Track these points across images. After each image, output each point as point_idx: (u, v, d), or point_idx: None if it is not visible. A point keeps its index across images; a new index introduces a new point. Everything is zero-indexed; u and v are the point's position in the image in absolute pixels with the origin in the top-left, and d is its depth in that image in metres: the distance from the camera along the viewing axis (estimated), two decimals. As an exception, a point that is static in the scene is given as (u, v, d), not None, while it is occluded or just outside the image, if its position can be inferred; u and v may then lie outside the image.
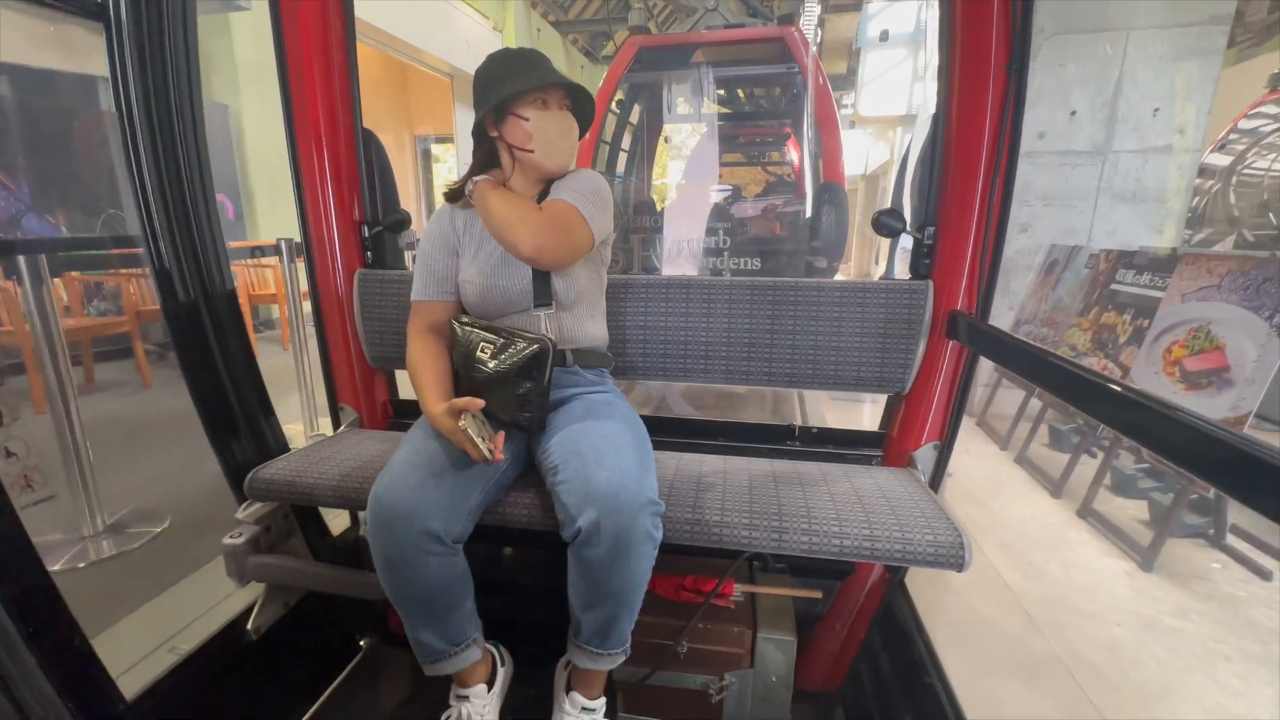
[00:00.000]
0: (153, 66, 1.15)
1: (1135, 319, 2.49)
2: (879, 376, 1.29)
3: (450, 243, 1.15)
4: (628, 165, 4.92)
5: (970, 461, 3.10)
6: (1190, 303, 2.20)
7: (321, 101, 1.37)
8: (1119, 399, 0.70)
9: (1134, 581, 2.06)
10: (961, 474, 2.90)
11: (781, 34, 3.84)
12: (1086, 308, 2.87)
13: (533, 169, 1.10)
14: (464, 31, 7.96)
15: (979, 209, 1.17)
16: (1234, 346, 1.98)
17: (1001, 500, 2.65)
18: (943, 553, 0.96)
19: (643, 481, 0.93)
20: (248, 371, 1.33)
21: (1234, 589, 2.02)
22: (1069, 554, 2.23)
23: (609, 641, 0.99)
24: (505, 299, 1.11)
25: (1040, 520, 2.49)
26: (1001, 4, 1.08)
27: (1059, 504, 2.63)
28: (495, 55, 1.10)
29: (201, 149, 1.23)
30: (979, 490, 2.74)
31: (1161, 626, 1.83)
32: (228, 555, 1.19)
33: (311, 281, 1.46)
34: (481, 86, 1.08)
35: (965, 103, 1.16)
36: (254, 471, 1.21)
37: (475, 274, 1.12)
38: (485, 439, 0.94)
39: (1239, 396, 1.90)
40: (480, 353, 1.04)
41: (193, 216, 1.23)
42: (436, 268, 1.15)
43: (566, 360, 1.14)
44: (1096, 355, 2.66)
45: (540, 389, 1.02)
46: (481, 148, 1.14)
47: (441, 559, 0.94)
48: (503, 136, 1.08)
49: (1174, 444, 0.61)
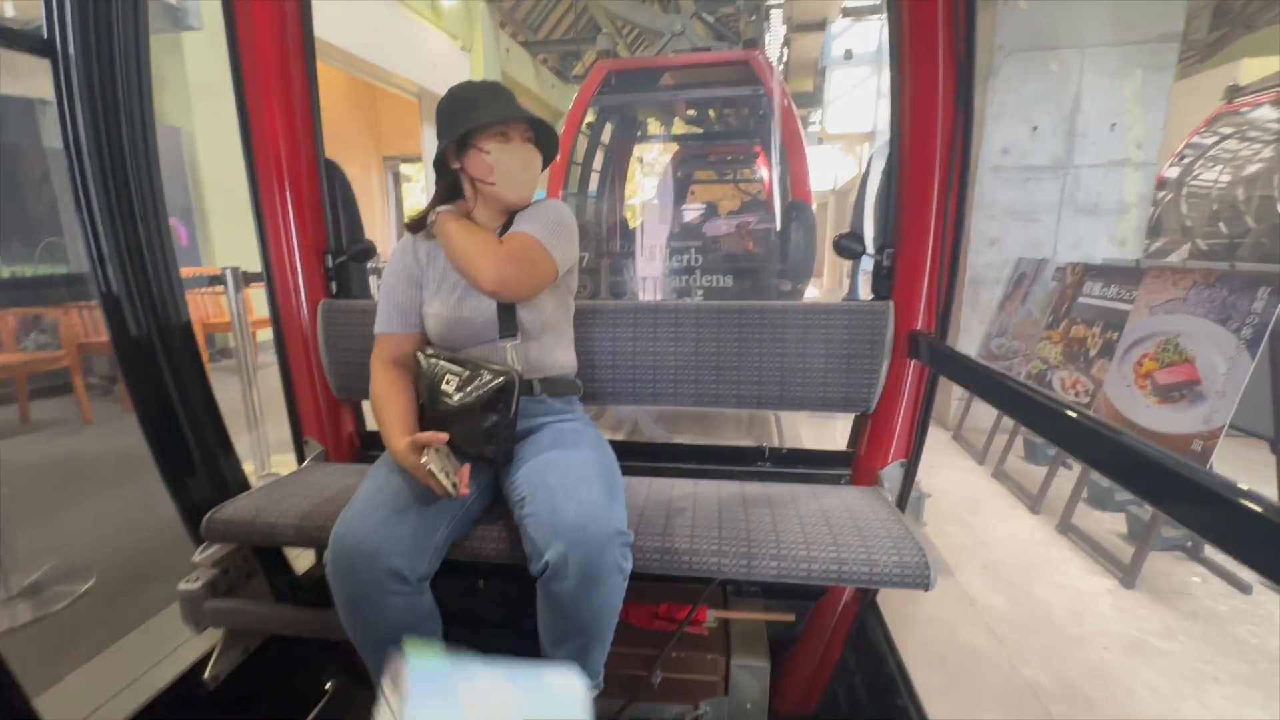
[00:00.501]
0: (103, 95, 1.10)
1: (1105, 331, 2.49)
2: (845, 397, 1.31)
3: (413, 274, 1.14)
4: (600, 185, 4.96)
5: (949, 478, 3.07)
6: (1158, 315, 2.21)
7: (282, 130, 1.35)
8: (1063, 419, 0.70)
9: (1118, 600, 2.03)
10: (940, 491, 2.86)
11: (746, 57, 3.95)
12: (1056, 320, 2.87)
13: (495, 201, 1.11)
14: (431, 52, 7.90)
15: (934, 231, 1.20)
16: (1203, 359, 1.97)
17: (982, 518, 2.62)
18: (909, 573, 0.98)
19: (610, 512, 0.91)
20: (204, 406, 1.28)
21: (1215, 604, 1.99)
22: (1052, 574, 2.19)
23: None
24: (470, 330, 1.10)
25: (1021, 538, 2.46)
26: (946, 39, 1.12)
27: (1039, 520, 2.60)
28: (458, 88, 1.10)
29: (154, 175, 1.19)
30: (959, 508, 2.70)
31: (1150, 649, 1.78)
32: (183, 601, 1.15)
33: (273, 312, 1.43)
34: (444, 118, 1.08)
35: (916, 131, 1.19)
36: (211, 512, 1.17)
37: (439, 306, 1.11)
38: (449, 473, 0.92)
39: (1211, 410, 1.89)
40: (445, 385, 1.03)
41: (144, 244, 1.18)
42: (399, 299, 1.14)
43: (534, 390, 1.13)
44: (1068, 368, 2.66)
45: (507, 421, 1.01)
46: (444, 179, 1.14)
47: (406, 598, 0.92)
48: (464, 169, 1.09)
49: (1116, 463, 0.62)
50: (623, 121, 5.10)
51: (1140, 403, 2.19)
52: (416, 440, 0.93)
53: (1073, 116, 3.27)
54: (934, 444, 3.56)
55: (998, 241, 3.48)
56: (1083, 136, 3.28)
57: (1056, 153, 3.32)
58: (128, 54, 1.12)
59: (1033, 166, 3.36)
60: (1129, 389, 2.26)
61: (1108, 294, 2.55)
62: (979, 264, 3.53)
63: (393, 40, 7.09)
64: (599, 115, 4.65)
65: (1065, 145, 3.31)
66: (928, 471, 3.12)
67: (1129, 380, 2.27)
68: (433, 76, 7.88)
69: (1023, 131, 3.32)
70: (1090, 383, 2.49)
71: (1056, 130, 3.30)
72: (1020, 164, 3.37)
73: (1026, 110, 3.30)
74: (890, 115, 1.26)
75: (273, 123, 1.34)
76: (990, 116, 3.32)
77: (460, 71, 8.62)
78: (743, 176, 6.68)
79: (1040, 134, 3.31)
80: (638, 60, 4.73)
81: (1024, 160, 3.36)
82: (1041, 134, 3.31)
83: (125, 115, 1.14)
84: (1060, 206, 3.38)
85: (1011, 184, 3.40)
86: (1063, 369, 2.71)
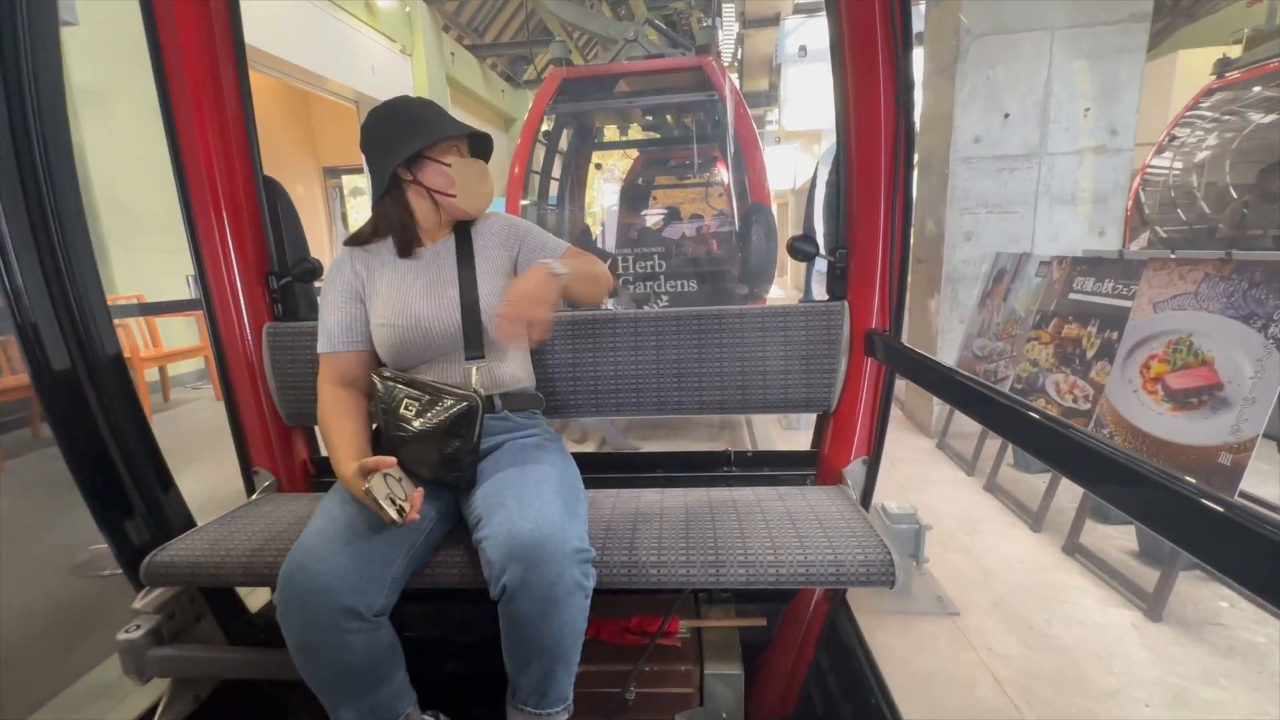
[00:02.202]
0: (11, 110, 1.03)
1: (1102, 331, 2.28)
2: (805, 397, 1.32)
3: (353, 288, 1.11)
4: (559, 193, 4.96)
5: (938, 493, 2.83)
6: (1165, 312, 2.00)
7: (215, 145, 1.30)
8: (1021, 417, 0.70)
9: (1146, 637, 1.79)
10: (934, 511, 2.62)
11: (700, 63, 3.96)
12: (1044, 319, 2.67)
13: (451, 212, 1.12)
14: (369, 56, 7.45)
15: (883, 231, 1.22)
16: (1224, 361, 1.76)
17: (982, 541, 2.38)
18: (874, 571, 0.99)
19: (567, 529, 0.89)
20: (140, 441, 1.21)
21: (1251, 634, 1.78)
22: (1068, 607, 1.95)
23: (547, 699, 0.94)
24: (426, 344, 1.07)
25: (1027, 563, 2.22)
26: (885, 44, 1.13)
27: (1042, 540, 2.37)
28: (395, 104, 1.08)
29: (74, 194, 1.13)
30: (956, 530, 2.46)
31: (1194, 700, 1.55)
32: (123, 652, 1.09)
33: (214, 338, 1.38)
34: (387, 134, 1.05)
35: (861, 131, 1.21)
36: (151, 555, 1.11)
37: (390, 315, 1.06)
38: (397, 499, 0.88)
39: (1239, 418, 1.68)
40: (404, 410, 0.99)
41: (66, 272, 1.11)
42: (341, 316, 1.10)
43: (496, 406, 1.11)
44: (1062, 371, 2.45)
45: (470, 446, 0.99)
46: (391, 196, 1.09)
47: (365, 636, 0.88)
48: (419, 181, 1.07)
49: (1072, 463, 0.62)
50: (579, 129, 5.06)
51: (1151, 410, 1.97)
52: (363, 466, 0.90)
53: (1045, 102, 3.10)
54: (917, 454, 3.34)
55: (974, 236, 3.29)
56: (1056, 123, 3.11)
57: (1030, 141, 3.15)
58: (42, 55, 1.05)
59: (1006, 156, 3.18)
60: (1136, 394, 2.05)
61: (1102, 289, 2.35)
62: (955, 260, 3.34)
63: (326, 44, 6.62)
64: (555, 123, 4.63)
65: (1039, 132, 3.14)
66: (916, 488, 2.88)
67: (1135, 385, 2.06)
68: (371, 82, 7.42)
69: (994, 119, 3.14)
70: (1089, 387, 2.28)
71: (1029, 117, 3.12)
72: (993, 153, 3.18)
73: (997, 96, 3.11)
74: (835, 117, 1.26)
75: (204, 137, 1.28)
76: (959, 103, 3.12)
77: (402, 76, 8.17)
78: (701, 180, 6.72)
79: (1012, 121, 3.13)
80: (592, 68, 4.53)
81: (997, 149, 3.17)
82: (1014, 121, 3.13)
83: (37, 126, 1.05)
84: (1036, 197, 3.20)
85: (985, 175, 3.21)
86: (1056, 372, 2.49)
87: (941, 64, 3.25)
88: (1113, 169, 3.14)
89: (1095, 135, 3.10)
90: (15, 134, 1.04)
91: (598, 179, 6.68)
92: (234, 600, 1.33)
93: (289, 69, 6.27)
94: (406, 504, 0.88)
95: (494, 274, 1.13)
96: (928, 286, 3.56)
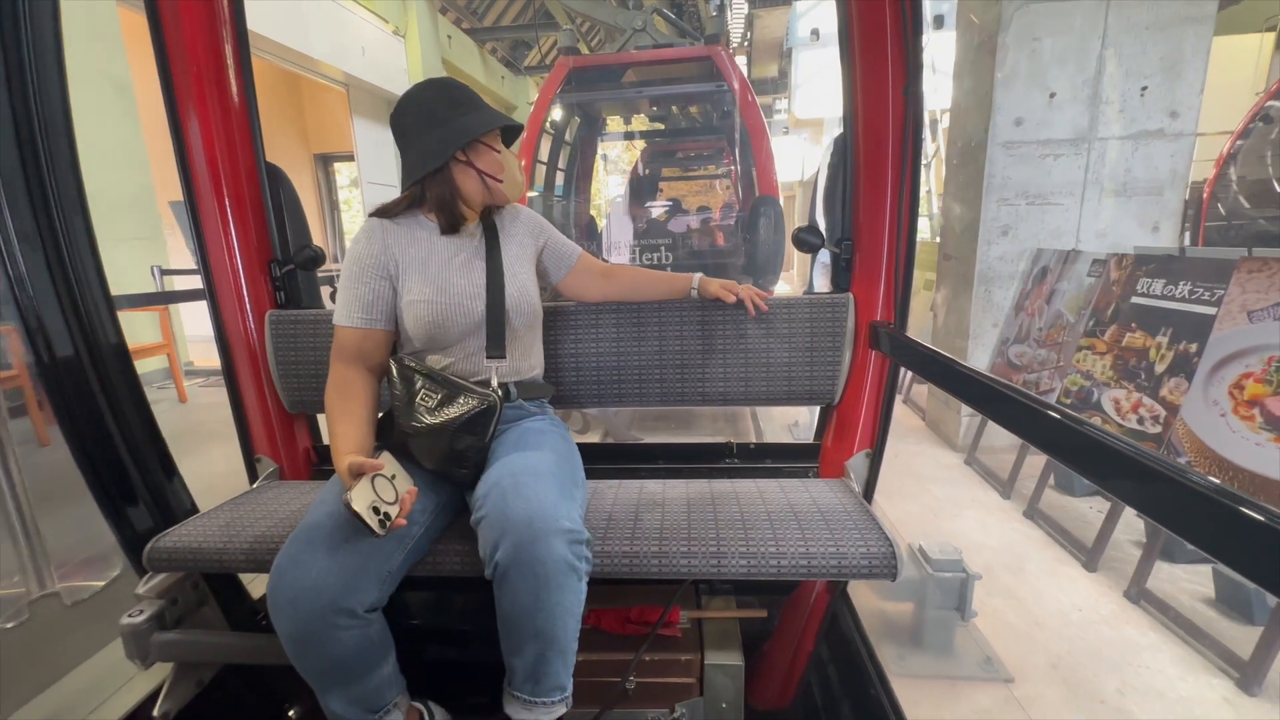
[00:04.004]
0: (13, 100, 1.04)
1: (1176, 341, 1.96)
2: (809, 390, 1.31)
3: (382, 263, 1.07)
4: (565, 184, 4.95)
5: (974, 520, 2.52)
6: (1265, 322, 1.68)
7: (218, 134, 1.31)
8: (1040, 415, 0.67)
9: (1242, 714, 1.49)
10: (970, 544, 2.31)
11: (709, 53, 3.89)
12: (1099, 325, 2.35)
13: (496, 196, 1.11)
14: (359, 36, 7.10)
15: (889, 222, 1.20)
16: (1349, 384, 1.45)
17: (1030, 584, 2.07)
18: (876, 564, 0.99)
19: (558, 509, 0.90)
20: (143, 429, 1.23)
21: (1372, 714, 1.47)
22: (1142, 673, 1.64)
23: (542, 686, 0.92)
24: (465, 322, 1.06)
25: (1086, 612, 1.91)
26: (894, 33, 1.11)
27: (1099, 581, 2.06)
28: (447, 83, 1.08)
29: (76, 184, 1.13)
30: (999, 568, 2.15)
31: (1321, 812, 1.24)
32: (126, 636, 1.10)
33: (217, 326, 1.39)
34: (449, 108, 1.04)
35: (869, 123, 1.19)
36: (153, 540, 1.13)
37: (432, 291, 1.05)
38: (381, 507, 0.85)
39: (1373, 456, 1.36)
40: (421, 401, 1.00)
41: (69, 260, 1.12)
42: (363, 291, 1.06)
43: (511, 395, 1.12)
44: (1124, 387, 2.13)
45: (481, 445, 1.00)
46: (441, 173, 1.06)
47: (356, 631, 0.89)
48: (472, 162, 1.06)
49: (1100, 467, 0.57)
50: (586, 119, 5.04)
51: (1245, 439, 1.66)
52: (353, 467, 0.88)
53: (1097, 80, 2.76)
54: (945, 472, 3.02)
55: (1011, 230, 2.96)
56: (1108, 104, 2.77)
57: (1078, 123, 2.81)
58: (41, 38, 1.05)
59: (1051, 140, 2.84)
60: (1224, 419, 1.73)
61: (1175, 293, 2.02)
62: (990, 257, 3.01)
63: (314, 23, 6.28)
64: (563, 113, 4.59)
65: (1088, 114, 2.79)
66: (949, 515, 2.57)
67: (1224, 408, 1.74)
68: (362, 64, 7.09)
69: (1039, 99, 2.80)
70: (1160, 407, 1.96)
71: (1078, 96, 2.78)
72: (1036, 138, 2.84)
73: (1043, 73, 2.77)
74: (843, 108, 1.25)
75: (208, 126, 1.29)
76: (1000, 82, 2.78)
77: (395, 59, 7.83)
78: (709, 172, 6.78)
79: (1059, 101, 2.79)
80: (601, 57, 4.55)
81: (1040, 133, 2.84)
82: (1061, 101, 2.79)
83: (39, 107, 1.06)
84: (1084, 187, 2.87)
85: (1026, 162, 2.87)
86: (1115, 387, 2.18)
87: (980, 37, 2.91)
88: (1170, 156, 2.80)
89: (1153, 118, 2.76)
90: (18, 123, 1.04)
91: (602, 170, 6.68)
92: (236, 586, 1.35)
93: (273, 48, 5.95)
94: (395, 507, 0.87)
95: (522, 260, 1.16)
96: (957, 286, 3.23)
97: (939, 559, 1.67)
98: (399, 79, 7.91)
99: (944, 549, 1.70)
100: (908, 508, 2.59)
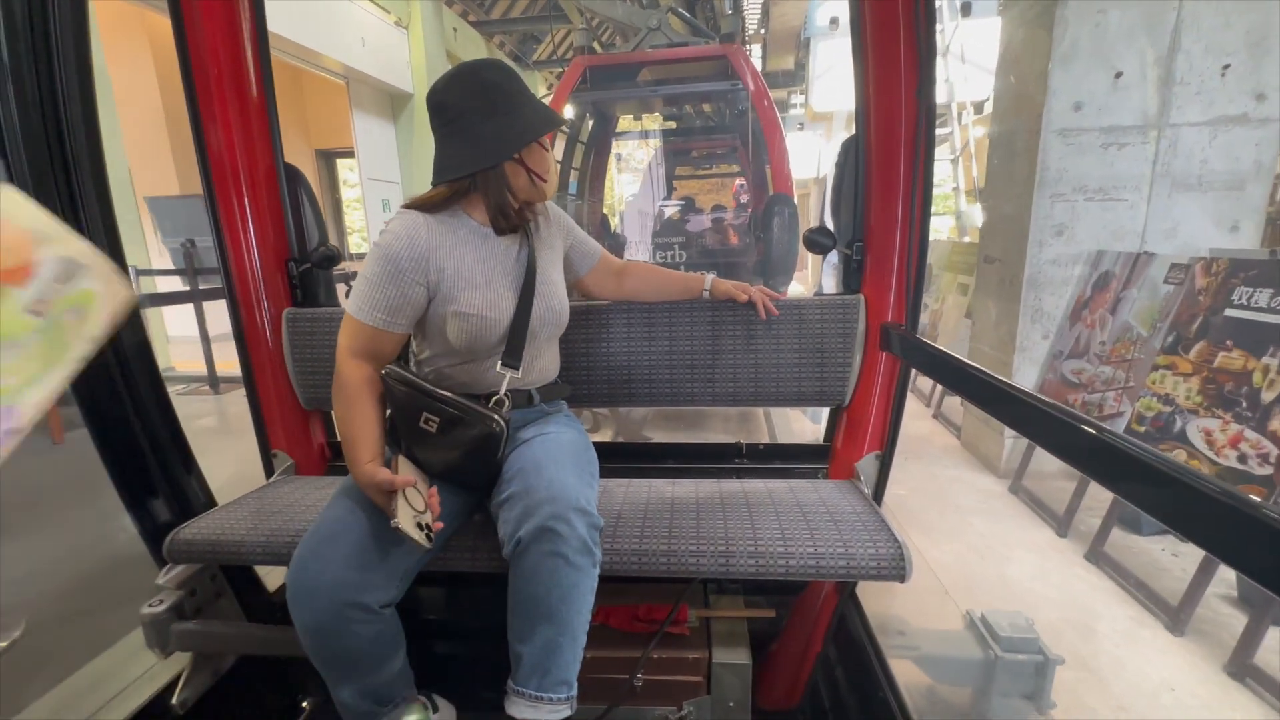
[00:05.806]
0: (40, 80, 1.04)
1: (1291, 365, 1.62)
2: (819, 391, 1.32)
3: (423, 270, 0.98)
4: (579, 183, 4.93)
5: (1030, 567, 2.17)
6: None
7: (238, 134, 1.32)
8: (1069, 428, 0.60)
9: None
10: (1028, 595, 1.98)
11: (724, 52, 3.87)
12: (1180, 342, 2.01)
13: (538, 196, 1.07)
14: (360, 27, 6.86)
15: (901, 223, 1.20)
16: None
17: (1106, 652, 1.73)
18: (885, 565, 0.99)
19: (578, 490, 0.92)
20: (165, 422, 1.24)
21: None
22: (1269, 785, 1.31)
23: (550, 678, 0.91)
24: (487, 343, 1.03)
25: (1180, 692, 1.58)
26: (907, 35, 1.10)
27: (1190, 647, 1.73)
28: (495, 67, 1.00)
29: (101, 180, 1.13)
30: (1066, 629, 1.82)
31: None
32: (147, 626, 1.12)
33: (235, 323, 1.39)
34: (510, 101, 0.98)
35: (881, 124, 1.18)
36: (173, 532, 1.14)
37: (484, 306, 1.01)
38: (423, 522, 0.88)
39: None
40: (424, 425, 0.98)
41: None
42: (393, 294, 0.98)
43: (533, 400, 1.12)
44: (1218, 417, 1.79)
45: (490, 464, 1.00)
46: (494, 171, 1.00)
47: (371, 626, 0.90)
48: (524, 161, 1.01)
49: (1173, 504, 0.50)
50: (601, 118, 5.03)
51: (1398, 491, 1.32)
52: (382, 484, 0.90)
53: (1170, 57, 2.41)
54: (987, 502, 2.68)
55: (1067, 229, 2.61)
56: (1184, 84, 2.42)
57: (1147, 108, 2.46)
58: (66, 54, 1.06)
59: (1115, 127, 2.50)
60: (1366, 464, 1.39)
61: (1287, 306, 1.68)
62: (1041, 260, 2.67)
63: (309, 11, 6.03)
64: (577, 111, 4.57)
65: (1159, 97, 2.45)
66: (997, 557, 2.23)
67: (1365, 450, 1.40)
68: (363, 56, 6.83)
69: (1102, 79, 2.46)
70: (1269, 444, 1.63)
71: (1148, 76, 2.43)
72: (1098, 124, 2.50)
73: (1107, 50, 2.43)
74: (855, 109, 1.24)
75: (228, 126, 1.31)
76: (1058, 59, 2.45)
77: (398, 51, 7.58)
78: (724, 171, 6.67)
79: (1126, 82, 2.45)
80: (616, 56, 4.49)
81: (1103, 119, 2.49)
82: (1127, 82, 2.45)
83: (68, 122, 1.07)
84: (1152, 180, 2.52)
85: (1086, 152, 2.53)
86: (1206, 416, 1.84)
87: (1035, 9, 2.56)
88: (1255, 145, 2.44)
89: (1235, 101, 2.41)
90: (46, 121, 1.05)
91: (614, 169, 6.63)
92: (253, 578, 1.37)
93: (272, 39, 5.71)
94: (427, 515, 0.90)
95: (555, 264, 1.14)
96: (1001, 292, 2.89)
97: (1009, 636, 1.35)
98: (401, 72, 7.66)
99: (1015, 623, 1.38)
100: (951, 549, 2.26)
